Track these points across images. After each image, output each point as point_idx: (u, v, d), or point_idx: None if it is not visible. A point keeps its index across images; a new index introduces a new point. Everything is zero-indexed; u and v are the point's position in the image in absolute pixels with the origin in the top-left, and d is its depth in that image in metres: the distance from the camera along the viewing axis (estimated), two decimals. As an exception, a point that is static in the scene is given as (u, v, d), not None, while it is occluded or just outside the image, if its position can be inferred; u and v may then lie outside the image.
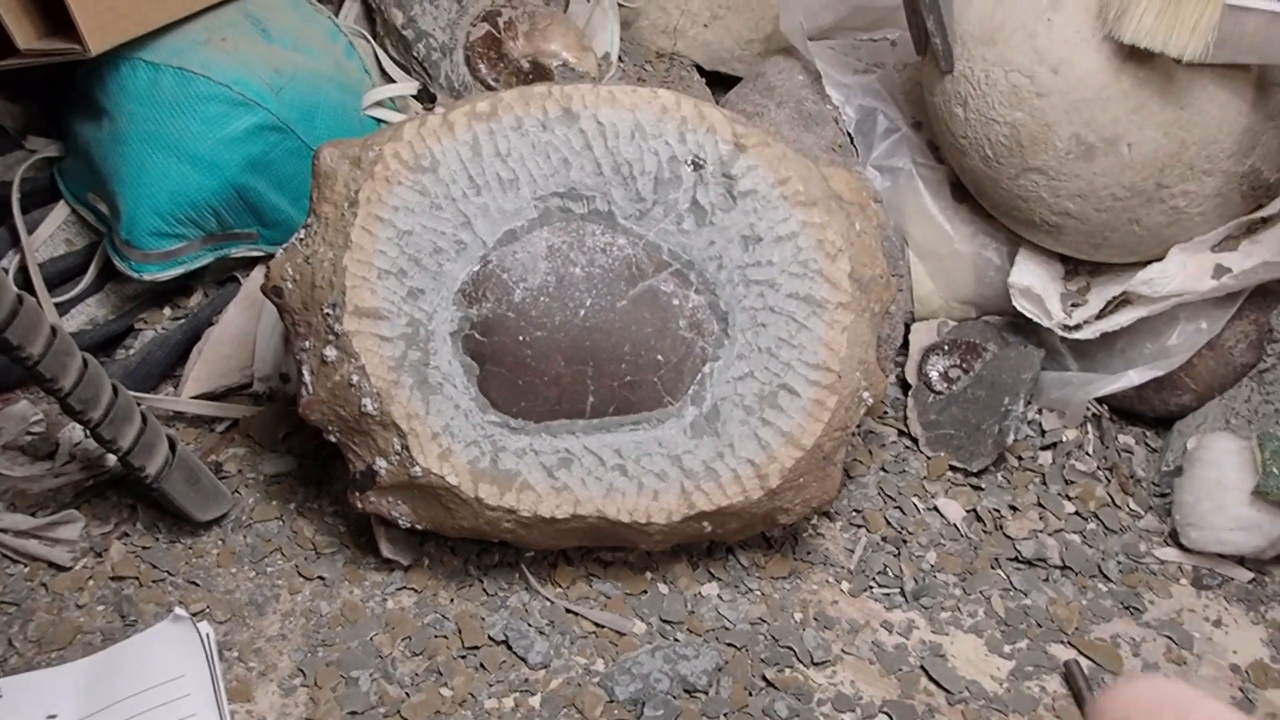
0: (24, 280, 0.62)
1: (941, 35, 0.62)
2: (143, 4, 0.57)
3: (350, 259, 0.51)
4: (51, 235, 0.64)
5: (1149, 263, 0.63)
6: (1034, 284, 0.64)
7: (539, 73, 0.72)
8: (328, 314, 0.51)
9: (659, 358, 0.53)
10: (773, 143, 0.54)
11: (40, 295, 0.61)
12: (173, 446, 0.55)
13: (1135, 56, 0.57)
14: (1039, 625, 0.57)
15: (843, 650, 0.55)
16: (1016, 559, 0.60)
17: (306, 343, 0.52)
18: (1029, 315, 0.65)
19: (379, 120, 0.69)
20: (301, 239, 0.52)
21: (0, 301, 0.46)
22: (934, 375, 0.66)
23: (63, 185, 0.64)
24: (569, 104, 0.53)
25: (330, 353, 0.51)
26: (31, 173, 0.65)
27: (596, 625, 0.54)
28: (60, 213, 0.64)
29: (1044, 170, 0.60)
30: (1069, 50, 0.58)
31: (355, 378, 0.50)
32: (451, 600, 0.55)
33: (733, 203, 0.54)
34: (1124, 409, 0.68)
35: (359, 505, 0.53)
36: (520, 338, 0.52)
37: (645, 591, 0.56)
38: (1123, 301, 0.64)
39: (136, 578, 0.55)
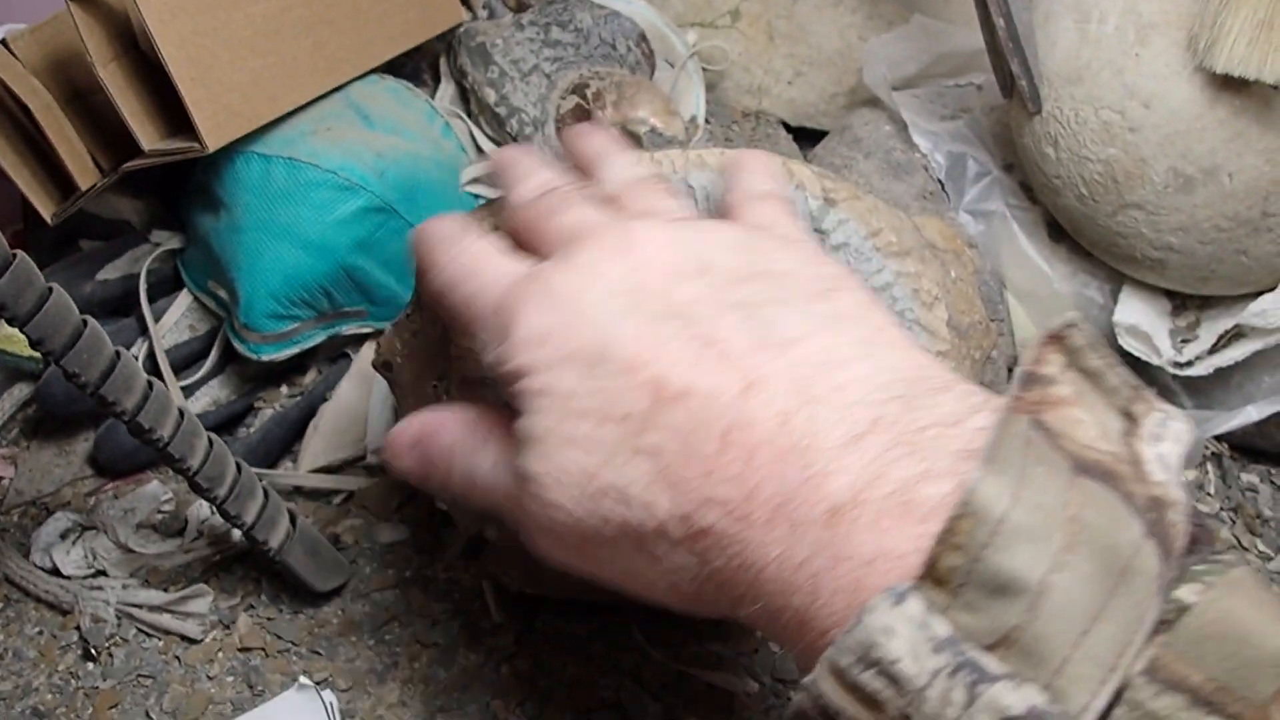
0: (152, 365, 0.66)
1: (1027, 77, 0.62)
2: (255, 101, 0.60)
3: (455, 333, 0.53)
4: (176, 322, 0.67)
5: (1261, 293, 0.61)
6: (1140, 321, 0.63)
7: (628, 139, 0.74)
8: (435, 386, 0.52)
9: (759, 414, 0.53)
10: (862, 195, 0.54)
11: (168, 379, 0.65)
12: (293, 520, 0.57)
13: (1229, 85, 0.56)
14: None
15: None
16: (1140, 605, 0.58)
17: (416, 414, 0.54)
18: (1137, 354, 0.63)
19: (477, 196, 0.71)
20: (409, 315, 0.54)
21: (132, 388, 0.48)
22: (1041, 419, 0.65)
23: (185, 275, 0.68)
24: (658, 171, 0.54)
25: (439, 423, 0.52)
26: (156, 264, 0.69)
27: (708, 686, 0.54)
28: (183, 301, 0.68)
29: (1142, 205, 0.59)
30: (1159, 84, 0.57)
31: (463, 446, 0.52)
32: (564, 665, 0.56)
33: (825, 257, 0.54)
34: (1245, 446, 0.66)
35: (470, 571, 0.54)
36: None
37: (756, 650, 0.56)
38: (1236, 335, 0.62)
39: (263, 648, 0.57)
